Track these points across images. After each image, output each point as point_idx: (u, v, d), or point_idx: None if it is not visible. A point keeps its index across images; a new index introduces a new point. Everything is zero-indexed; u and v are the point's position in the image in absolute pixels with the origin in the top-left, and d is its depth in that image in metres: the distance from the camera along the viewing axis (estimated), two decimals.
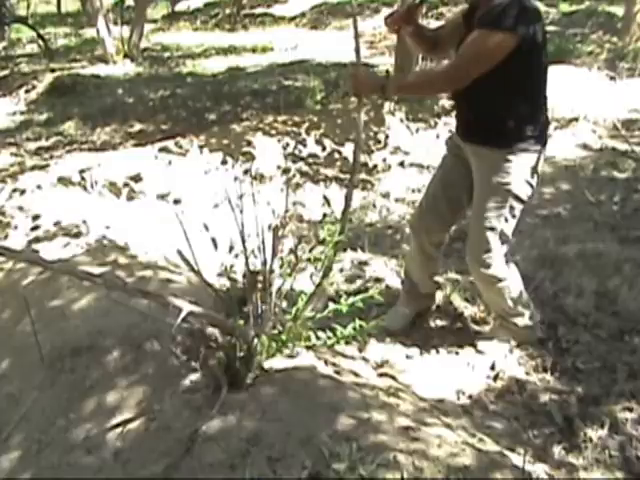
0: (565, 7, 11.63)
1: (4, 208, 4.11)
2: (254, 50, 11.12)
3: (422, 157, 5.30)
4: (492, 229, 2.67)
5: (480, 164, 2.69)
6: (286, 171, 5.05)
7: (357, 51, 2.59)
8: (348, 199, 2.50)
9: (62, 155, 5.90)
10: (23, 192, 4.30)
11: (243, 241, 2.30)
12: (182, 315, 1.91)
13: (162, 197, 4.49)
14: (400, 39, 4.18)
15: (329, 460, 1.83)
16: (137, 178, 4.57)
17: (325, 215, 4.47)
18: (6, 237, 3.81)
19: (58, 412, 2.16)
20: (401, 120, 5.89)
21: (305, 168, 5.17)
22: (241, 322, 2.20)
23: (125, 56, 10.51)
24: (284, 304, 2.43)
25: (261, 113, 6.71)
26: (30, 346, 2.33)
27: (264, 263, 2.26)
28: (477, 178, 2.72)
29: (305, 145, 5.39)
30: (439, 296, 3.30)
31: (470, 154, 2.74)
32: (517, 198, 2.63)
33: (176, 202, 4.44)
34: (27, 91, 9.03)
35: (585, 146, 5.40)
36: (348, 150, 5.43)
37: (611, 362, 2.83)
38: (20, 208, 4.10)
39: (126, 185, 4.51)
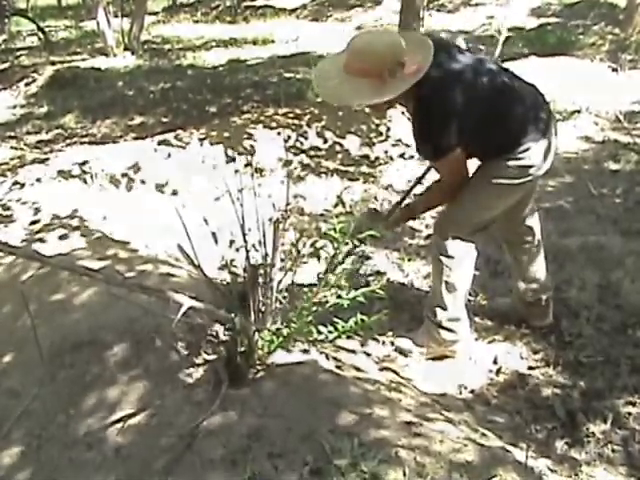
0: None
1: (4, 201, 4.10)
2: (255, 42, 11.07)
3: None
4: None
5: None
6: (287, 164, 5.04)
7: None
8: None
9: (62, 148, 5.89)
10: (23, 185, 4.28)
11: (244, 235, 2.29)
12: (183, 310, 1.90)
13: (162, 190, 4.47)
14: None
15: (330, 456, 1.82)
16: (137, 171, 4.56)
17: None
18: (6, 227, 3.80)
19: (58, 407, 2.16)
20: (402, 112, 5.86)
21: (306, 161, 5.15)
22: (242, 317, 2.19)
23: (125, 49, 10.46)
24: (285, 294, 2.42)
25: (262, 106, 6.68)
26: (30, 341, 2.31)
27: (265, 257, 2.25)
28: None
29: (306, 137, 5.37)
30: None
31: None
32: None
33: (176, 195, 4.43)
34: (27, 84, 9.00)
35: (587, 138, 5.37)
36: (349, 142, 5.42)
37: (614, 356, 2.83)
38: (19, 201, 4.09)
39: (126, 178, 4.49)
